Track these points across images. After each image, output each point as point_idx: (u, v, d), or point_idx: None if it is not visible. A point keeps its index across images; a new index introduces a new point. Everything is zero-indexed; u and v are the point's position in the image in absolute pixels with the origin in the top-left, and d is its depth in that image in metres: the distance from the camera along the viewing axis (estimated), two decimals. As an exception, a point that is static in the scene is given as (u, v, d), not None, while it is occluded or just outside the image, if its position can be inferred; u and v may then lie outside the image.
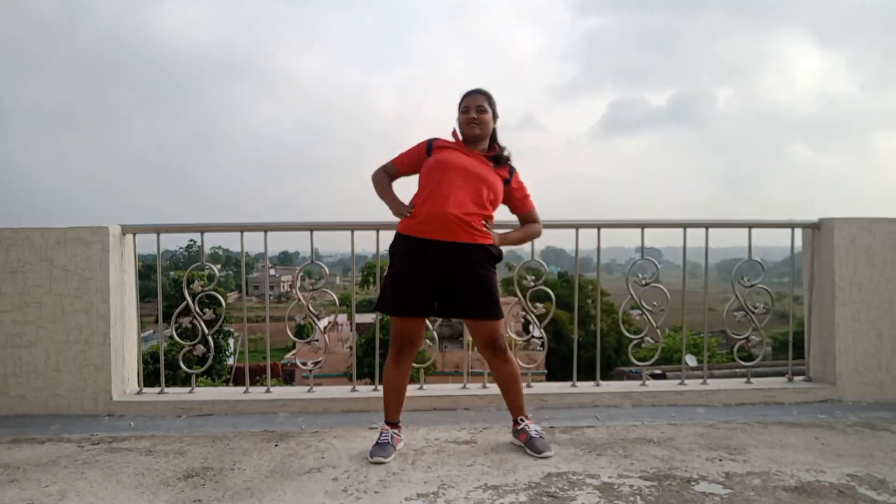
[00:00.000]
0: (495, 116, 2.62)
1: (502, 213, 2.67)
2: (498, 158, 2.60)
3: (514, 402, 2.59)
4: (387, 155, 2.71)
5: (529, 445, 2.45)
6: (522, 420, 2.55)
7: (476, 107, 2.55)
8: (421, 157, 2.61)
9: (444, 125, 2.70)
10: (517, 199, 2.66)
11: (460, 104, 2.60)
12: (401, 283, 2.47)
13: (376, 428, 2.80)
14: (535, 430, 2.51)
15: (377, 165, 2.74)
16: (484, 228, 2.48)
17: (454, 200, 2.41)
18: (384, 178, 2.70)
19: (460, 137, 2.61)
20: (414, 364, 3.36)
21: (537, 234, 2.80)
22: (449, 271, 2.42)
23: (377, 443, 2.47)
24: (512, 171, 2.63)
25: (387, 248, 2.62)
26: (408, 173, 2.68)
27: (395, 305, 2.47)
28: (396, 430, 2.55)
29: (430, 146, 2.61)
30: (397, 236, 2.55)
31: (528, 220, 2.73)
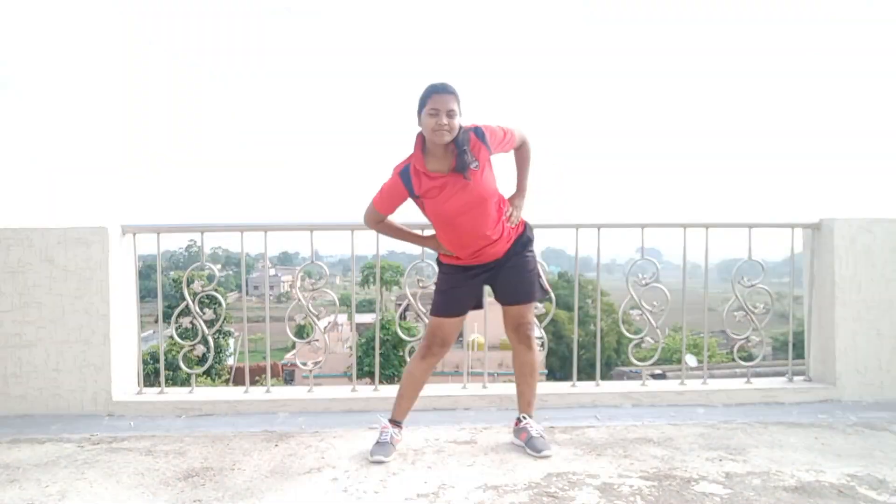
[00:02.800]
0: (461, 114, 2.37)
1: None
2: (463, 161, 2.34)
3: (524, 395, 2.60)
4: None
5: (529, 444, 2.45)
6: (525, 418, 2.56)
7: (447, 111, 2.28)
8: (404, 197, 2.45)
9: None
10: (503, 148, 2.49)
11: (424, 101, 2.32)
12: (448, 291, 2.54)
13: (376, 428, 2.80)
14: (537, 430, 2.51)
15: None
16: (509, 221, 2.47)
17: (477, 235, 2.43)
18: (383, 224, 2.60)
19: (424, 142, 2.39)
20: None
21: (530, 152, 2.56)
22: (494, 267, 2.51)
23: (377, 441, 2.47)
24: (483, 137, 2.39)
25: (387, 248, 2.63)
26: (393, 211, 2.55)
27: (440, 308, 2.54)
28: (397, 430, 2.55)
29: (410, 186, 2.40)
30: (440, 262, 2.59)
31: (518, 150, 2.56)
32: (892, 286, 3.24)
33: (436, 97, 2.30)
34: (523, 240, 2.53)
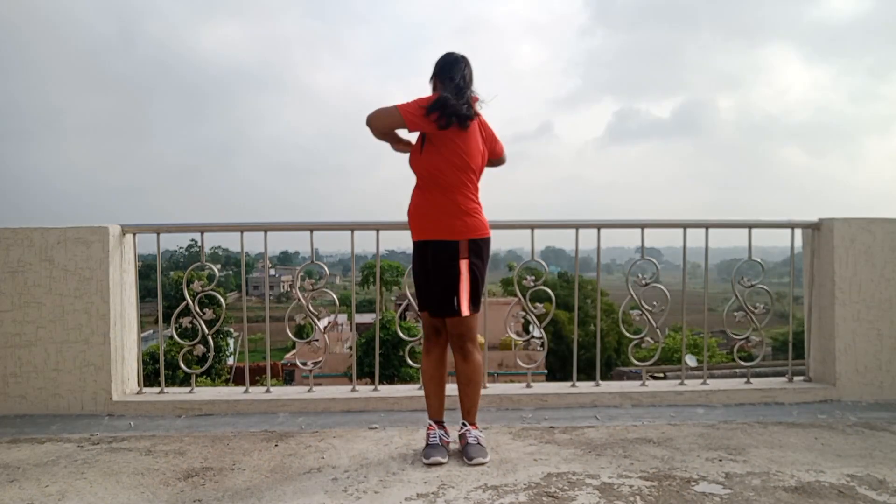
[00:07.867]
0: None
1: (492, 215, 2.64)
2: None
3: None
4: (401, 161, 2.61)
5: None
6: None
7: None
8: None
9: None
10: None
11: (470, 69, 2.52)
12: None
13: (377, 428, 2.80)
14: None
15: (391, 171, 2.62)
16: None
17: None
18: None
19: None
20: (413, 364, 3.39)
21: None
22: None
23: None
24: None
25: (387, 248, 2.61)
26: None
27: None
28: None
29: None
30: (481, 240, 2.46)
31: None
32: (892, 286, 3.24)
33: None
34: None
